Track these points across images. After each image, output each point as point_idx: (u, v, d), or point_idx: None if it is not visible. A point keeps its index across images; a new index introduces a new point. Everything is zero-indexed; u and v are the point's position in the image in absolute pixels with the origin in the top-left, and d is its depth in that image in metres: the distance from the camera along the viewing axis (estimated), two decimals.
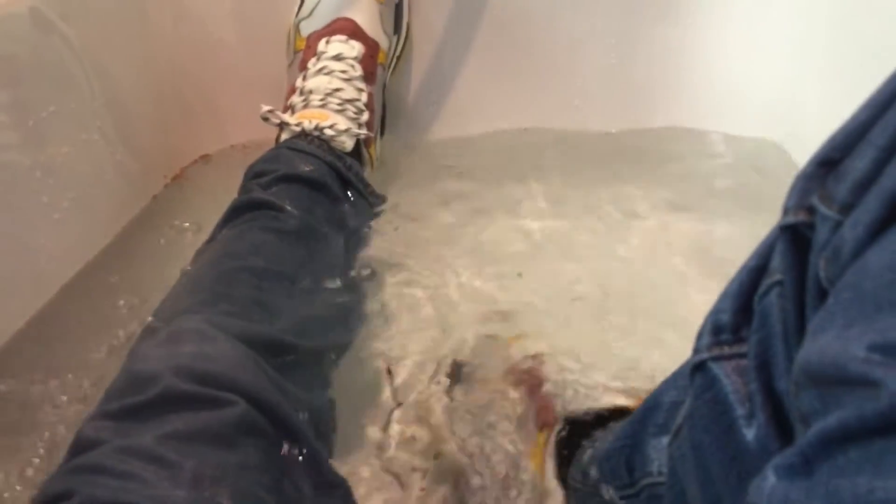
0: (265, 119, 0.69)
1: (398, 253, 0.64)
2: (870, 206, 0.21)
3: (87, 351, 0.57)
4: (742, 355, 0.27)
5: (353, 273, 0.62)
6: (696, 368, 0.28)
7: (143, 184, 0.78)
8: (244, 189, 0.64)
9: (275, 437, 0.41)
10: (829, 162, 0.24)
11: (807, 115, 0.73)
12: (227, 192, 0.62)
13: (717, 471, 0.27)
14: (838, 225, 0.22)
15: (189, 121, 0.84)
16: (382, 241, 0.65)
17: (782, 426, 0.25)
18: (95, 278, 0.65)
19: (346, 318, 0.57)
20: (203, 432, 0.38)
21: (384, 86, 0.81)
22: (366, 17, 0.77)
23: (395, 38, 0.81)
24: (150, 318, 0.49)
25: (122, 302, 0.62)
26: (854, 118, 0.23)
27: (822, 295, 0.22)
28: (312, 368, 0.51)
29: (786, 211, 0.25)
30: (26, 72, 0.62)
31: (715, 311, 0.29)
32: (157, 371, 0.40)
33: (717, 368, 0.27)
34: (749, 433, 0.25)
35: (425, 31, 0.84)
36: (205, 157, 0.85)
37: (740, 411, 0.26)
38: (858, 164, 0.22)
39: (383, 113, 0.82)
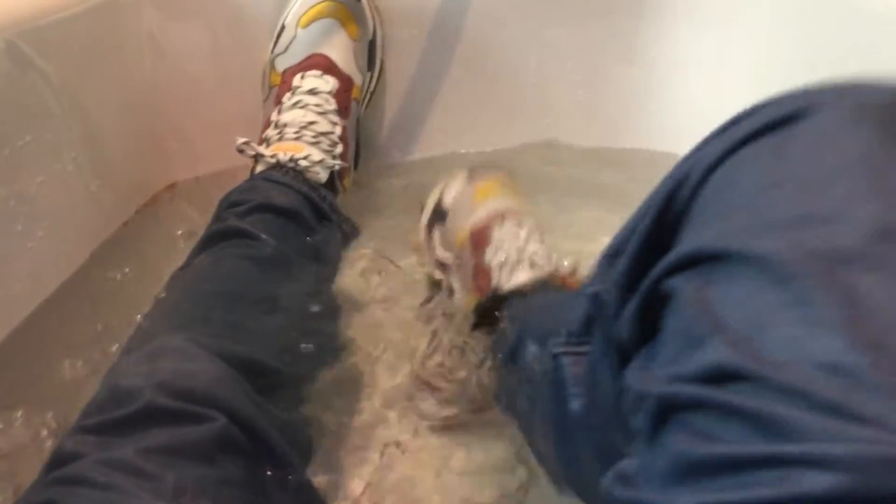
0: (241, 151, 0.70)
1: (373, 280, 0.65)
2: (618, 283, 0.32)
3: (55, 373, 0.58)
4: (583, 353, 0.38)
5: (328, 300, 0.63)
6: (553, 356, 0.40)
7: (116, 211, 0.79)
8: (219, 218, 0.65)
9: (254, 455, 0.42)
10: (611, 255, 0.33)
11: None
12: (196, 219, 0.63)
13: (544, 422, 0.42)
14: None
15: (162, 151, 0.85)
16: (357, 267, 0.66)
17: (597, 405, 0.37)
18: (66, 304, 0.66)
19: (323, 343, 0.58)
20: (184, 447, 0.39)
21: (358, 119, 0.84)
22: (340, 53, 0.79)
23: (368, 74, 0.84)
24: (127, 341, 0.50)
25: (99, 326, 0.63)
26: (626, 224, 0.33)
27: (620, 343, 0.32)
28: (291, 390, 0.52)
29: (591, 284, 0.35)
30: (2, 104, 0.63)
31: (571, 321, 0.40)
32: (139, 386, 0.41)
33: (565, 360, 0.40)
34: (574, 405, 0.38)
35: (398, 67, 0.86)
36: (175, 185, 0.87)
37: (572, 390, 0.39)
38: (622, 259, 0.32)
39: (357, 146, 0.84)
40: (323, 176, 0.72)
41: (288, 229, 0.65)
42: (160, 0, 0.82)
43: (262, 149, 0.71)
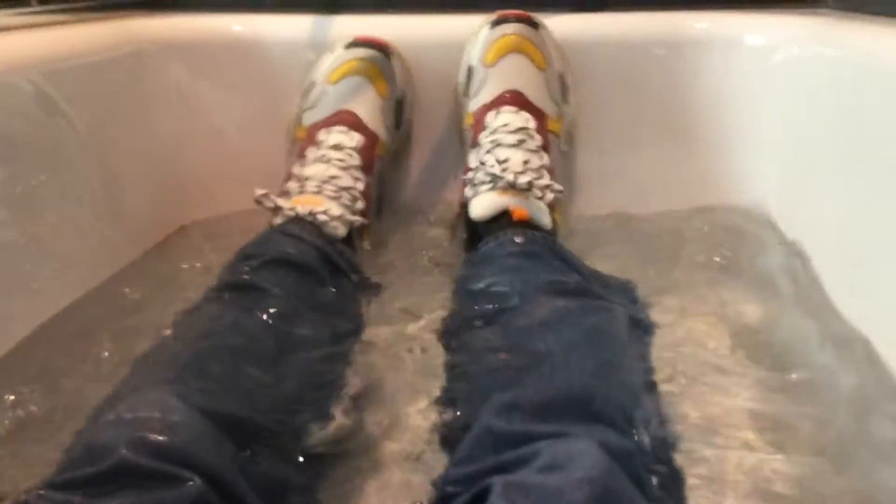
0: (259, 202, 0.68)
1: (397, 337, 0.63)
2: None
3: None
4: None
5: (342, 355, 0.60)
6: None
7: (125, 251, 0.78)
8: (232, 270, 0.63)
9: None
10: None
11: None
12: (207, 254, 0.61)
13: None
14: None
15: (180, 197, 0.85)
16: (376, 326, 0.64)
17: None
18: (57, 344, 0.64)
19: (328, 399, 0.55)
20: None
21: (382, 177, 0.82)
22: (367, 110, 0.78)
23: (395, 133, 0.82)
24: (114, 387, 0.47)
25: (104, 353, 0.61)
26: None
27: None
28: (288, 447, 0.48)
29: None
30: (24, 146, 0.63)
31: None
32: (111, 442, 0.38)
33: None
34: None
35: (426, 127, 0.85)
36: (186, 227, 0.86)
37: None
38: None
39: (380, 203, 0.82)
40: (342, 231, 0.69)
41: (301, 284, 0.62)
42: (189, 54, 0.84)
43: (280, 201, 0.69)
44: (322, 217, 0.68)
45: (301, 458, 0.49)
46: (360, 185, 0.73)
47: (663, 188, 0.85)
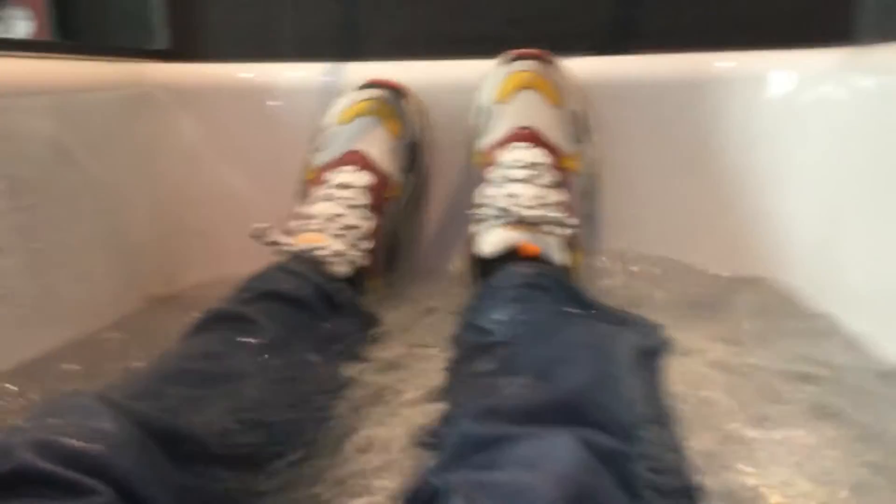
0: (256, 237, 0.67)
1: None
2: None
3: None
4: None
5: (330, 388, 0.57)
6: None
7: (115, 305, 0.77)
8: (226, 300, 0.61)
9: None
10: None
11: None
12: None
13: None
14: None
15: (182, 251, 0.85)
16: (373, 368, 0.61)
17: None
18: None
19: (300, 433, 0.51)
20: None
21: (395, 222, 0.80)
22: (378, 150, 0.77)
23: (410, 176, 0.81)
24: None
25: None
26: None
27: None
28: (246, 475, 0.45)
29: None
30: (37, 195, 0.65)
31: None
32: (12, 444, 0.35)
33: None
34: None
35: (444, 177, 0.84)
36: (183, 288, 0.85)
37: None
38: None
39: (394, 249, 0.80)
40: (343, 268, 0.68)
41: (294, 319, 0.60)
42: (196, 101, 0.84)
43: (279, 236, 0.68)
44: (321, 253, 0.67)
45: (260, 488, 0.45)
46: (367, 225, 0.72)
47: (698, 235, 0.82)
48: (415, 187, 0.83)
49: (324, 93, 0.85)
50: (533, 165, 0.70)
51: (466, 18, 0.88)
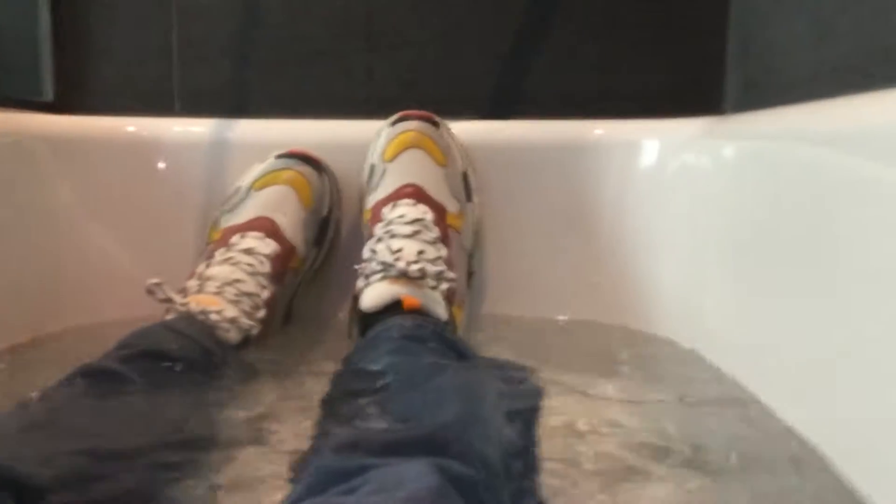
0: (150, 292, 0.66)
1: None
2: None
3: None
4: None
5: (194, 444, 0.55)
6: None
7: None
8: (104, 357, 0.59)
9: None
10: None
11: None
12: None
13: None
14: None
15: (52, 300, 0.82)
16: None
17: None
18: None
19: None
20: None
21: (294, 293, 0.81)
22: (288, 220, 0.78)
23: (315, 250, 0.82)
24: None
25: None
26: None
27: None
28: None
29: None
30: None
31: None
32: None
33: None
34: None
35: (352, 251, 0.84)
36: (47, 335, 0.82)
37: None
38: None
39: (288, 315, 0.81)
40: (233, 335, 0.67)
41: (172, 380, 0.59)
42: (76, 154, 0.83)
43: (173, 293, 0.68)
44: (214, 317, 0.66)
45: None
46: (265, 294, 0.72)
47: (571, 295, 0.85)
48: (317, 261, 0.84)
49: (212, 149, 0.86)
50: (416, 221, 0.72)
51: (359, 80, 0.91)
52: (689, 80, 0.87)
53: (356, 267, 0.70)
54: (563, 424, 0.56)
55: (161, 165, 0.87)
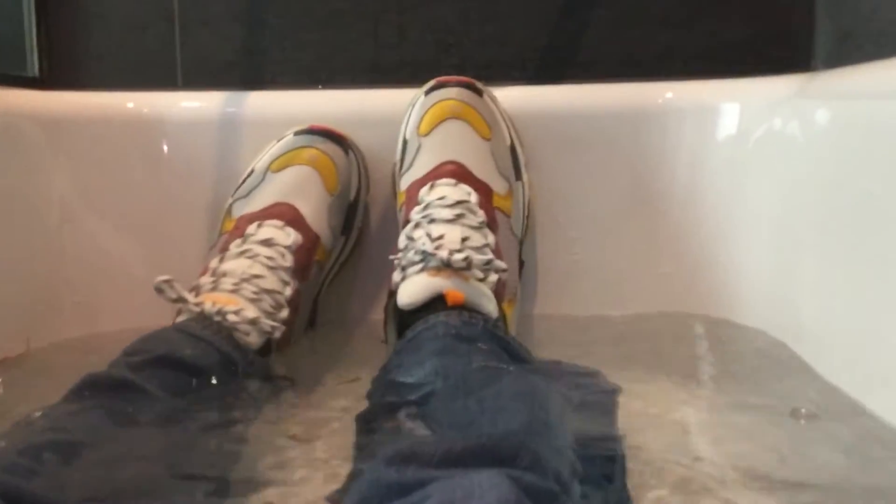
0: (159, 291, 0.65)
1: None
2: None
3: None
4: None
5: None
6: None
7: None
8: (111, 365, 0.59)
9: None
10: None
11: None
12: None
13: None
14: None
15: (48, 306, 0.83)
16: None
17: None
18: None
19: None
20: None
21: (320, 289, 0.80)
22: (311, 206, 0.78)
23: (342, 239, 0.81)
24: None
25: None
26: None
27: None
28: None
29: None
30: None
31: None
32: None
33: None
34: None
35: (382, 240, 0.84)
36: (40, 348, 0.82)
37: None
38: None
39: (313, 315, 0.80)
40: (254, 339, 0.66)
41: (193, 390, 0.59)
42: (69, 132, 0.84)
43: (185, 292, 0.66)
44: (233, 318, 0.65)
45: None
46: (288, 291, 0.71)
47: (637, 288, 0.85)
48: (344, 252, 0.82)
49: (222, 127, 0.85)
50: (459, 203, 0.71)
51: (389, 44, 0.89)
52: (772, 33, 0.85)
53: (391, 257, 0.68)
54: (639, 440, 0.55)
55: (165, 147, 0.87)
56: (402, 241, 0.70)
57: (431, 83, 0.79)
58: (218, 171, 0.86)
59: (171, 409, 0.56)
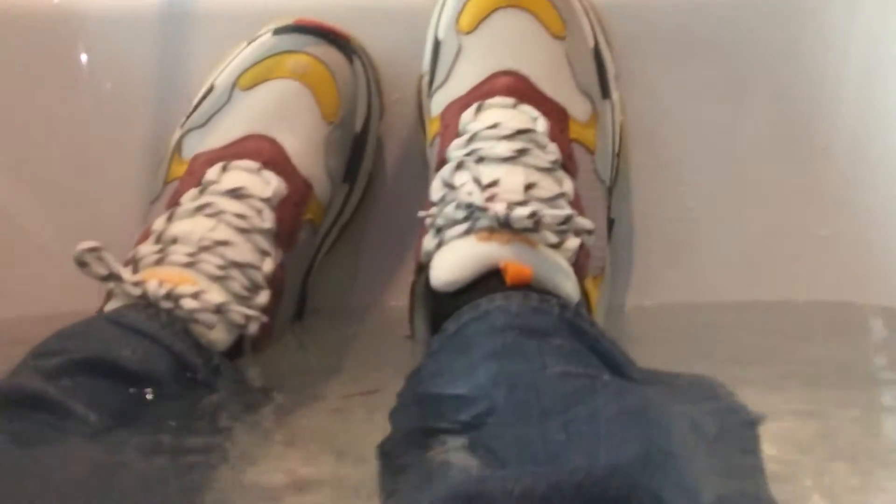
0: (81, 264, 0.66)
1: None
2: None
3: None
4: None
5: None
6: None
7: None
8: (16, 374, 0.61)
9: None
10: None
11: None
12: None
13: None
14: None
15: None
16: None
17: None
18: None
19: None
20: None
21: (311, 263, 0.82)
22: (299, 140, 0.79)
23: (344, 188, 0.83)
24: None
25: None
26: None
27: None
28: None
29: None
30: None
31: None
32: None
33: None
34: None
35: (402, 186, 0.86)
36: None
37: None
38: None
39: (302, 302, 0.82)
40: (221, 334, 0.68)
41: (134, 408, 0.61)
42: None
43: (118, 266, 0.67)
44: (189, 304, 0.66)
45: None
46: (268, 265, 0.72)
47: (780, 259, 0.86)
48: (346, 208, 0.84)
49: (166, 24, 0.87)
50: (521, 134, 0.71)
51: None
52: None
53: (420, 215, 0.69)
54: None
55: (83, 56, 0.88)
56: (435, 191, 0.70)
57: None
58: (161, 89, 0.88)
59: (102, 437, 0.57)
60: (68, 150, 0.88)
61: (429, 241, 0.68)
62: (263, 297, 0.71)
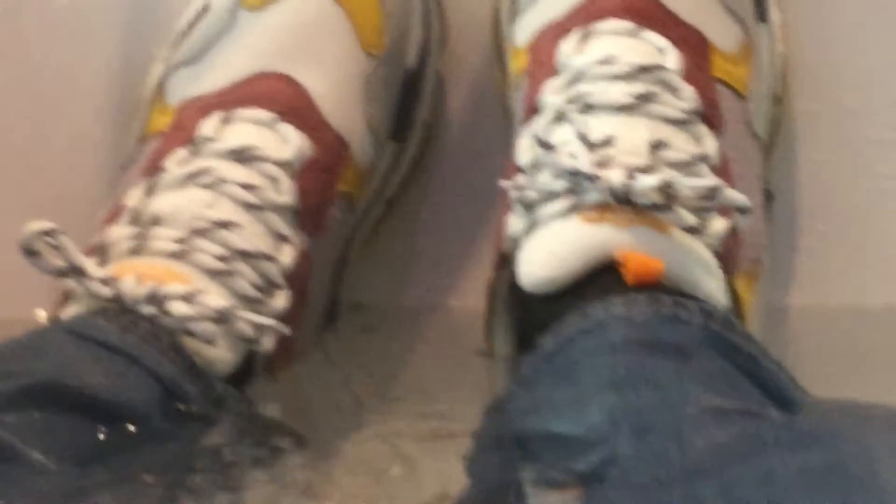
0: (29, 252, 0.68)
1: None
2: None
3: None
4: None
5: None
6: None
7: None
8: None
9: None
10: None
11: None
12: None
13: None
14: None
15: None
16: None
17: None
18: None
19: None
20: None
21: (346, 251, 0.83)
22: (332, 81, 0.81)
23: (392, 147, 0.84)
24: None
25: None
26: None
27: None
28: None
29: None
30: None
31: None
32: None
33: None
34: None
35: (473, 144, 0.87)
36: None
37: None
38: None
39: (334, 304, 0.83)
40: (223, 353, 0.69)
41: (107, 454, 0.62)
42: None
43: (80, 256, 0.68)
44: (181, 309, 0.68)
45: None
46: (287, 256, 0.74)
47: None
48: (396, 175, 0.86)
49: None
50: (644, 73, 0.72)
51: None
52: None
53: (502, 185, 0.70)
54: None
55: None
56: (523, 153, 0.71)
57: None
58: (135, 11, 0.89)
59: (64, 491, 0.58)
60: (12, 99, 0.90)
61: (514, 223, 0.69)
62: (281, 300, 0.73)
